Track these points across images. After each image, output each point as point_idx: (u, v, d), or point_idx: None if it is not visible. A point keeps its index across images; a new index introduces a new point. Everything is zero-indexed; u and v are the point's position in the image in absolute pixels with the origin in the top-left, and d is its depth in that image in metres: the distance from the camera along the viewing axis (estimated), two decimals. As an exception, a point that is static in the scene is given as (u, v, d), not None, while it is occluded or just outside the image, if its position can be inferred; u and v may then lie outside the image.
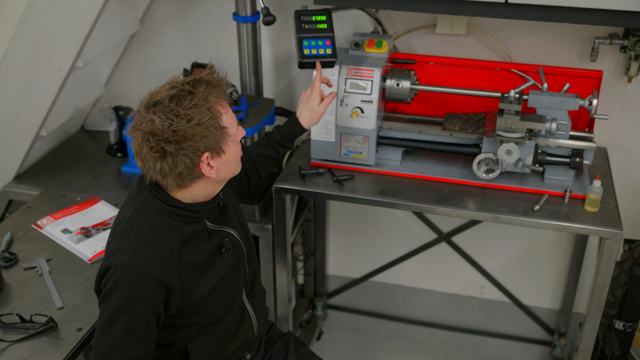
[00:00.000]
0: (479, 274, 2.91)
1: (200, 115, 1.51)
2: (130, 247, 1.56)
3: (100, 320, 1.57)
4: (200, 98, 1.52)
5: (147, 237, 1.57)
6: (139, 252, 1.55)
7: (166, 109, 1.50)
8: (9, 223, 2.23)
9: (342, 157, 2.24)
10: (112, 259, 1.57)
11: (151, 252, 1.56)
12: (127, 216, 1.62)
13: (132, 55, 2.81)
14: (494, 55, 2.43)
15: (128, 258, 1.54)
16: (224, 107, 1.59)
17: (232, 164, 1.64)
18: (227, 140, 1.58)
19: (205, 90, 1.54)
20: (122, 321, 1.54)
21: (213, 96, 1.55)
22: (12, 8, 2.20)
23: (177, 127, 1.49)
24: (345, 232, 2.98)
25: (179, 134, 1.49)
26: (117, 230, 1.63)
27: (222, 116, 1.56)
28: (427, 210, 2.10)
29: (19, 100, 2.38)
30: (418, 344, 3.05)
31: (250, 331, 1.84)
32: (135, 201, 1.63)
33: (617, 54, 2.32)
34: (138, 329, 1.55)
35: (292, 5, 2.49)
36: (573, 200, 2.08)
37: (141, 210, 1.61)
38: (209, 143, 1.54)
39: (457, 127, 2.23)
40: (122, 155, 2.61)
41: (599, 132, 2.41)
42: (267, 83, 2.66)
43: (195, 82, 1.55)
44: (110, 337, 1.55)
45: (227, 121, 1.58)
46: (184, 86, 1.54)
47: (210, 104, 1.54)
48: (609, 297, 2.27)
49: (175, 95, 1.52)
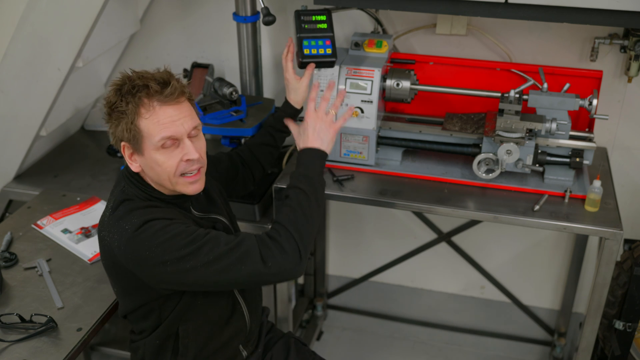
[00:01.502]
0: (479, 274, 2.91)
1: (122, 103, 1.57)
2: (128, 218, 1.60)
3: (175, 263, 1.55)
4: (130, 92, 1.57)
5: (140, 208, 1.62)
6: (136, 214, 1.60)
7: (121, 84, 1.60)
8: (9, 223, 2.23)
9: (342, 157, 2.24)
10: (115, 238, 1.60)
11: (149, 213, 1.61)
12: (110, 205, 1.67)
13: (132, 55, 2.81)
14: (494, 55, 2.43)
15: (131, 224, 1.58)
16: (151, 112, 1.58)
17: (160, 174, 1.62)
18: (145, 142, 1.59)
19: (141, 87, 1.57)
20: (179, 236, 1.56)
21: (144, 94, 1.57)
22: (12, 8, 2.20)
23: (109, 99, 1.60)
24: (345, 232, 2.98)
25: (110, 107, 1.61)
26: (103, 223, 1.66)
27: (141, 117, 1.58)
28: (427, 210, 2.10)
29: (19, 100, 2.38)
30: (418, 344, 3.05)
31: (242, 321, 1.83)
32: (115, 191, 1.69)
33: (617, 54, 2.32)
34: (190, 227, 1.59)
35: (292, 5, 2.49)
36: (573, 200, 2.08)
37: (122, 195, 1.65)
38: (121, 133, 1.60)
39: (457, 127, 2.22)
40: (122, 156, 2.61)
41: (599, 132, 2.41)
42: (267, 83, 2.66)
43: (144, 77, 1.59)
44: (190, 251, 1.55)
45: (146, 126, 1.58)
46: (133, 75, 1.60)
47: (136, 101, 1.57)
48: (609, 297, 2.27)
49: (124, 81, 1.59)
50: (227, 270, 1.56)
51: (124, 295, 1.73)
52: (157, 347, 1.75)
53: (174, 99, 1.59)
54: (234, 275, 1.56)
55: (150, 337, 1.74)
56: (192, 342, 1.73)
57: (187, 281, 1.58)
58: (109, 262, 1.67)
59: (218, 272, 1.56)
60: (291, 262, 1.57)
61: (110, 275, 1.73)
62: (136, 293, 1.68)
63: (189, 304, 1.69)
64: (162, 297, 1.67)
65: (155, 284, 1.62)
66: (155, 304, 1.69)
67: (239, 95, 2.26)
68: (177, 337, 1.73)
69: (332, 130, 1.84)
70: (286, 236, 1.60)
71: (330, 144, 1.84)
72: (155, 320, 1.72)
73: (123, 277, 1.67)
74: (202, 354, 1.77)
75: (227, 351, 1.83)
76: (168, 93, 1.57)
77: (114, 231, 1.60)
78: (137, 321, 1.76)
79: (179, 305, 1.68)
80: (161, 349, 1.75)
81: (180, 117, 1.60)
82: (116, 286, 1.74)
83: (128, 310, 1.74)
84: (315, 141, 1.82)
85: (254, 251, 1.56)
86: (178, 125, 1.59)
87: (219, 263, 1.55)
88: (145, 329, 1.75)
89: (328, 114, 1.86)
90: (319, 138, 1.82)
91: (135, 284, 1.64)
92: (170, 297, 1.67)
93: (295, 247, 1.59)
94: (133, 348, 1.83)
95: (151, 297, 1.67)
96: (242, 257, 1.55)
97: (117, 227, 1.59)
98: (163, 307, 1.69)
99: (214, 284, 1.60)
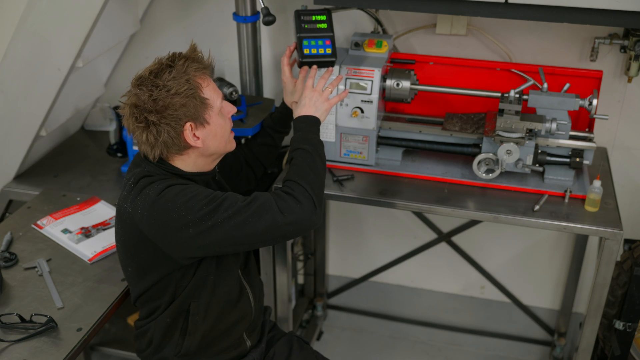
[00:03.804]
0: (479, 274, 2.92)
1: (178, 85, 1.62)
2: (150, 187, 1.66)
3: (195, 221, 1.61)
4: (180, 71, 1.64)
5: (160, 179, 1.68)
6: (158, 182, 1.66)
7: (147, 81, 1.64)
8: (9, 223, 2.23)
9: (342, 157, 2.24)
10: (139, 206, 1.66)
11: (169, 181, 1.68)
12: (129, 182, 1.71)
13: (132, 55, 2.81)
14: (494, 55, 2.43)
15: (153, 190, 1.65)
16: (205, 80, 1.68)
17: (220, 138, 1.73)
18: (210, 111, 1.68)
19: (184, 64, 1.65)
20: (199, 195, 1.63)
21: (193, 69, 1.65)
22: (12, 8, 2.20)
23: (157, 96, 1.61)
24: (345, 232, 2.98)
25: (159, 104, 1.62)
26: (125, 198, 1.71)
27: (202, 88, 1.66)
28: (427, 210, 2.10)
29: (19, 100, 2.38)
30: (418, 344, 3.05)
31: (248, 306, 1.89)
32: (135, 171, 1.72)
33: (617, 54, 2.32)
34: (208, 189, 1.67)
35: (292, 5, 2.49)
36: (573, 200, 2.08)
37: (142, 172, 1.70)
38: (189, 112, 1.64)
39: (457, 127, 2.23)
40: (122, 155, 2.61)
41: (599, 132, 2.41)
42: (267, 83, 2.66)
43: (174, 57, 1.67)
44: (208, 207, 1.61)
45: (208, 93, 1.68)
46: (164, 61, 1.66)
47: (189, 76, 1.64)
48: (609, 297, 2.27)
49: (156, 69, 1.65)
50: (246, 223, 1.61)
51: (141, 272, 1.76)
52: (167, 325, 1.79)
53: (208, 66, 1.71)
54: (253, 228, 1.61)
55: (162, 316, 1.78)
56: (201, 320, 1.78)
57: (208, 241, 1.63)
58: (128, 238, 1.72)
59: (238, 227, 1.61)
60: (307, 211, 1.65)
61: (127, 253, 1.76)
62: (155, 267, 1.72)
63: (202, 280, 1.74)
64: (179, 271, 1.71)
65: (176, 252, 1.67)
66: (172, 277, 1.73)
67: (239, 95, 2.26)
68: (188, 314, 1.77)
69: (327, 103, 1.92)
70: (298, 189, 1.68)
71: (324, 114, 1.91)
72: (169, 297, 1.76)
73: (143, 251, 1.70)
74: (209, 334, 1.81)
75: (231, 336, 1.87)
76: (207, 63, 1.71)
77: (137, 200, 1.66)
78: (150, 300, 1.80)
79: (192, 280, 1.73)
80: (171, 327, 1.79)
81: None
82: (133, 264, 1.77)
83: (143, 289, 1.77)
84: (310, 109, 1.90)
85: (270, 203, 1.63)
86: (218, 88, 1.73)
87: (238, 217, 1.61)
88: (158, 307, 1.79)
89: (325, 91, 1.93)
90: (314, 106, 1.90)
91: (155, 256, 1.69)
92: (185, 272, 1.72)
93: (309, 197, 1.67)
94: (140, 333, 1.86)
95: (169, 270, 1.71)
96: (260, 210, 1.62)
97: (141, 196, 1.65)
98: (179, 281, 1.74)
99: (234, 241, 1.64)
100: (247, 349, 1.93)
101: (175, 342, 1.80)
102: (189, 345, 1.79)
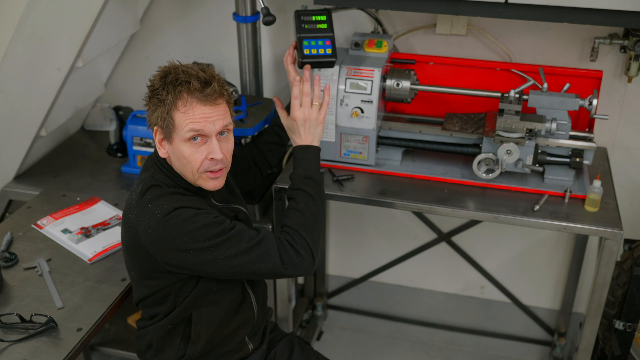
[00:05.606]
0: (479, 274, 2.91)
1: (165, 92, 1.63)
2: (157, 203, 1.65)
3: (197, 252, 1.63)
4: (176, 82, 1.62)
5: (168, 194, 1.68)
6: (166, 199, 1.65)
7: (168, 70, 1.66)
8: (9, 223, 2.23)
9: (342, 157, 2.24)
10: (143, 221, 1.65)
11: (177, 200, 1.68)
12: (138, 190, 1.70)
13: (132, 55, 2.81)
14: (494, 55, 2.43)
15: (160, 209, 1.64)
16: (189, 107, 1.63)
17: (185, 165, 1.68)
18: (174, 134, 1.65)
19: (184, 80, 1.62)
20: (206, 227, 1.63)
21: (185, 89, 1.62)
22: (12, 8, 2.20)
23: (152, 84, 1.67)
24: (345, 232, 2.98)
25: (151, 91, 1.67)
26: (131, 206, 1.70)
27: (176, 110, 1.63)
28: (427, 210, 2.10)
29: (19, 100, 2.38)
30: (418, 344, 3.05)
31: (250, 311, 1.88)
32: (144, 176, 1.72)
33: (617, 54, 2.32)
34: (218, 218, 1.66)
35: (292, 5, 2.49)
36: (573, 200, 2.08)
37: (151, 181, 1.70)
38: (156, 119, 1.66)
39: (457, 127, 2.23)
40: (122, 155, 2.61)
41: (599, 132, 2.41)
42: (267, 83, 2.66)
43: (189, 73, 1.64)
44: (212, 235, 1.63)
45: (179, 118, 1.63)
46: (182, 70, 1.65)
47: (177, 91, 1.62)
48: (609, 297, 2.27)
49: (173, 69, 1.65)
50: (245, 266, 1.65)
51: (142, 279, 1.76)
52: (168, 331, 1.79)
53: (211, 100, 1.64)
54: (251, 270, 1.66)
55: (163, 322, 1.78)
56: (204, 328, 1.78)
57: (206, 271, 1.67)
58: (131, 244, 1.72)
59: (237, 266, 1.64)
60: (306, 264, 1.72)
61: (130, 258, 1.76)
62: (156, 277, 1.72)
63: (205, 290, 1.74)
64: (180, 282, 1.72)
65: (172, 268, 1.67)
66: (172, 289, 1.73)
67: (239, 95, 2.26)
68: (189, 322, 1.78)
69: (320, 123, 1.94)
70: (301, 241, 1.73)
71: (321, 136, 1.95)
72: (170, 305, 1.76)
73: (144, 260, 1.71)
74: (212, 341, 1.81)
75: (234, 341, 1.86)
76: (207, 93, 1.63)
77: (142, 214, 1.65)
78: (151, 306, 1.80)
79: (195, 290, 1.73)
80: (171, 333, 1.80)
81: (213, 116, 1.65)
82: (135, 270, 1.77)
83: (144, 294, 1.78)
84: (307, 138, 1.92)
85: (274, 252, 1.66)
86: (209, 123, 1.64)
87: (239, 258, 1.64)
88: (159, 313, 1.79)
89: (312, 107, 1.93)
90: (310, 134, 1.93)
91: (155, 267, 1.69)
92: (187, 283, 1.72)
93: (308, 250, 1.73)
94: (140, 335, 1.87)
95: (170, 282, 1.71)
96: (262, 256, 1.65)
97: (146, 211, 1.65)
98: (179, 292, 1.74)
99: (228, 275, 1.68)
100: (249, 352, 1.92)
101: (176, 347, 1.80)
102: (192, 353, 1.79)
